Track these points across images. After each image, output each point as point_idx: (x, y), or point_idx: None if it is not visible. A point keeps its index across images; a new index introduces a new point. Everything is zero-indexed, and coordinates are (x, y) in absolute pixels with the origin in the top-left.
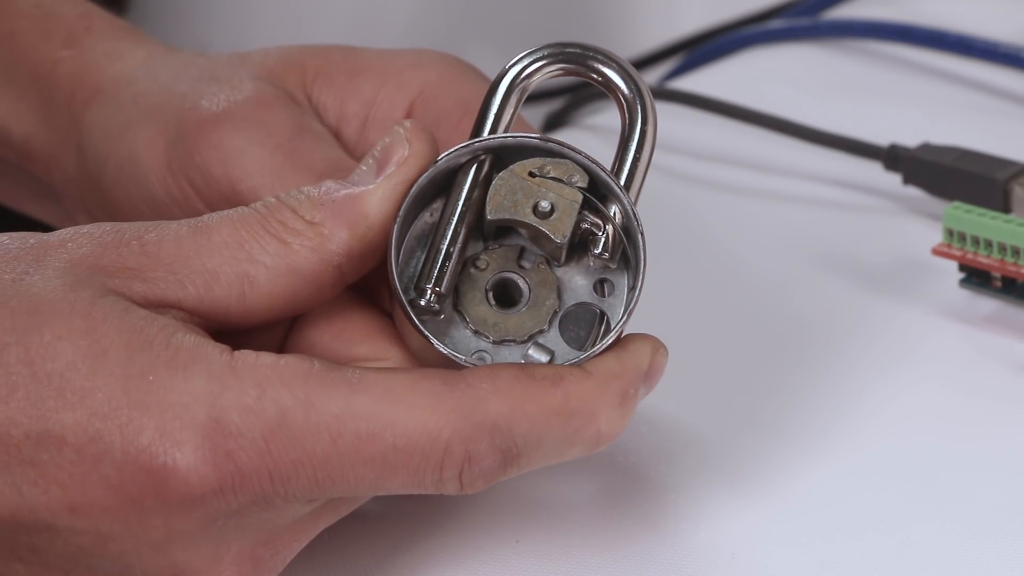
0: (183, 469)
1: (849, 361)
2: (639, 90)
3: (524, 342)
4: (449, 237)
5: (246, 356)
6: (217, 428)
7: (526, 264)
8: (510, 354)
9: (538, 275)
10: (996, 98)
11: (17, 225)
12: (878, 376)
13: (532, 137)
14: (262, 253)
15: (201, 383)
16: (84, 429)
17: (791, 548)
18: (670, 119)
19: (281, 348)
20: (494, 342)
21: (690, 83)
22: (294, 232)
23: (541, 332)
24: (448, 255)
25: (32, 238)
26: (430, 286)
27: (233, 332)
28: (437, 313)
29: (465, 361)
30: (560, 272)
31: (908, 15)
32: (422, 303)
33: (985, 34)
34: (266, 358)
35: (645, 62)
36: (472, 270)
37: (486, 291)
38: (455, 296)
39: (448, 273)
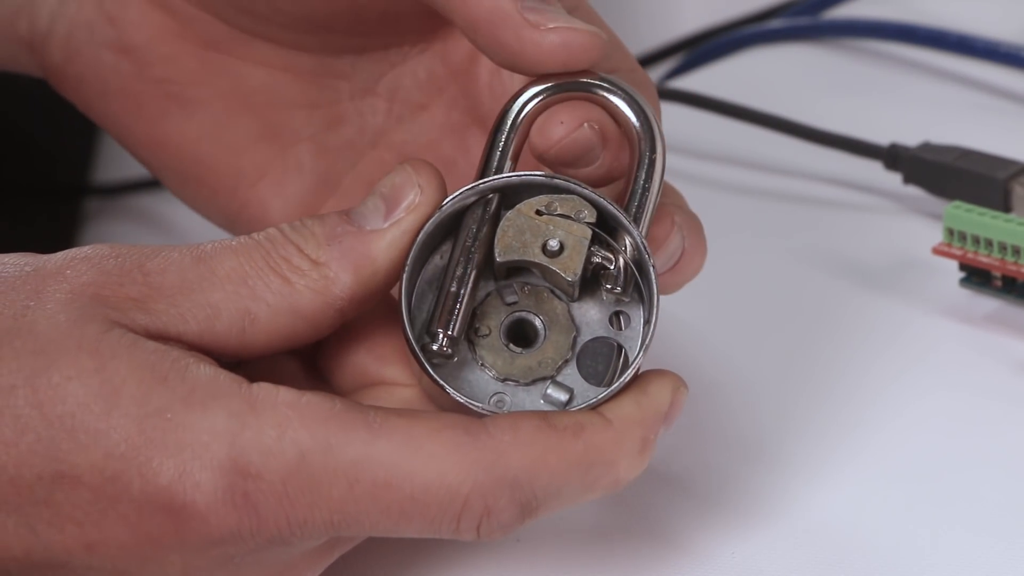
0: (202, 510)
1: (849, 361)
2: (647, 119)
3: (543, 381)
4: (458, 280)
5: (266, 392)
6: (236, 469)
7: (543, 300)
8: (528, 395)
9: (553, 312)
10: (997, 98)
11: (12, 246)
12: (878, 376)
13: (538, 175)
14: (265, 290)
15: (220, 421)
16: (100, 470)
17: (791, 548)
18: (670, 119)
19: (315, 352)
20: (512, 383)
21: (690, 83)
22: (298, 271)
23: (559, 370)
24: (458, 298)
25: (28, 264)
26: (442, 331)
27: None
28: (450, 357)
29: (482, 408)
30: (575, 307)
31: (909, 15)
32: (434, 348)
33: (986, 34)
34: (287, 395)
35: (645, 62)
36: (487, 311)
37: (501, 332)
38: (470, 338)
39: (459, 316)
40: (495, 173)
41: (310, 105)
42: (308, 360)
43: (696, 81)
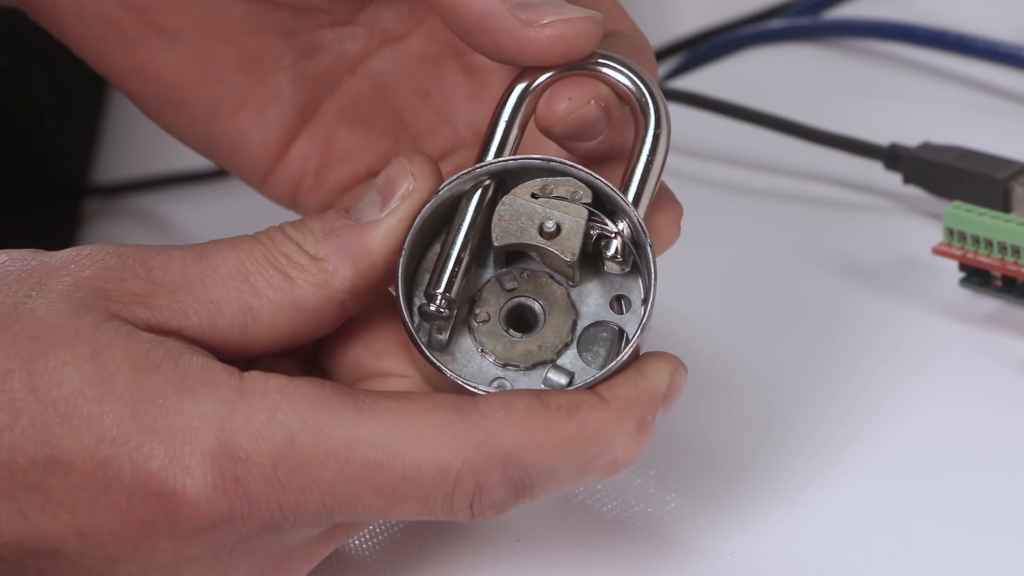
0: (192, 496)
1: (848, 361)
2: (650, 93)
3: (543, 365)
4: (458, 244)
5: (255, 378)
6: (226, 453)
7: (542, 285)
8: (529, 379)
9: (552, 296)
10: (996, 97)
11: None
12: (877, 376)
13: (534, 158)
14: (266, 287)
15: (210, 406)
16: (92, 455)
17: (791, 548)
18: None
19: (315, 350)
20: (512, 369)
21: (690, 83)
22: (298, 267)
23: (560, 354)
24: (458, 261)
25: (34, 259)
26: (440, 291)
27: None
28: (447, 319)
29: (478, 389)
30: (575, 291)
31: (908, 14)
32: (432, 309)
33: (986, 33)
34: (276, 380)
35: None
36: (487, 295)
37: (501, 318)
38: (470, 325)
39: (458, 278)
40: (499, 154)
41: (289, 34)
42: (309, 360)
43: (696, 81)
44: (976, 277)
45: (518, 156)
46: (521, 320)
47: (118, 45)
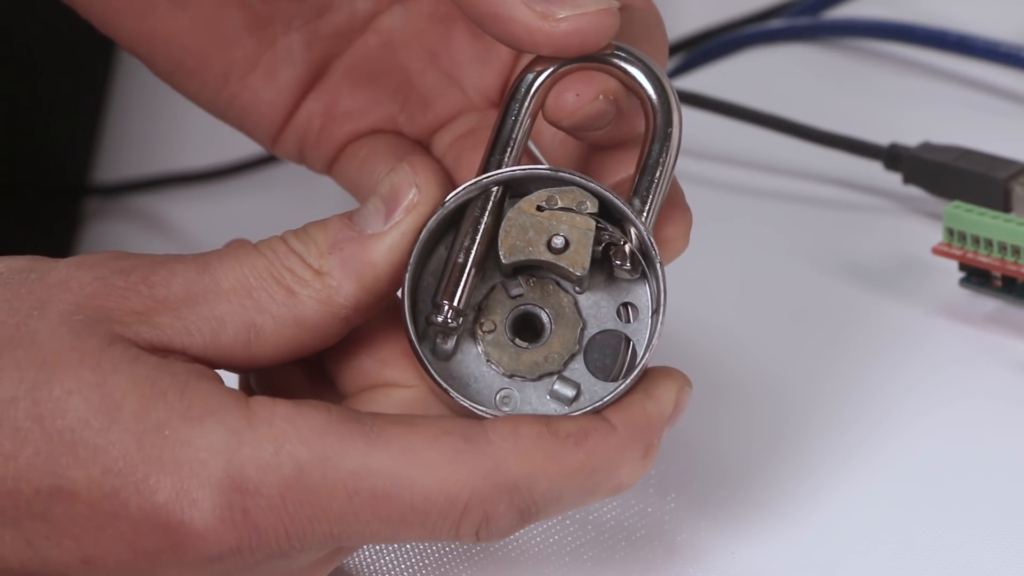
0: (200, 528)
1: (848, 361)
2: (664, 90)
3: (549, 376)
4: (464, 251)
5: (262, 405)
6: (234, 486)
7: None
8: (535, 390)
9: (559, 305)
10: (996, 98)
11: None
12: (877, 376)
13: (541, 168)
14: (270, 302)
15: (218, 437)
16: (99, 486)
17: (791, 548)
18: None
19: (320, 356)
20: (519, 379)
21: (690, 83)
22: (301, 282)
23: (566, 364)
24: (465, 270)
25: (34, 271)
26: (447, 302)
27: None
28: (455, 330)
29: (485, 412)
30: (582, 299)
31: (908, 14)
32: (439, 319)
33: (986, 33)
34: (283, 408)
35: None
36: (493, 305)
37: (507, 327)
38: (476, 334)
39: (466, 288)
40: (509, 144)
41: None
42: (313, 364)
43: (696, 81)
44: (976, 277)
45: (525, 167)
46: (528, 328)
47: (127, 11)
